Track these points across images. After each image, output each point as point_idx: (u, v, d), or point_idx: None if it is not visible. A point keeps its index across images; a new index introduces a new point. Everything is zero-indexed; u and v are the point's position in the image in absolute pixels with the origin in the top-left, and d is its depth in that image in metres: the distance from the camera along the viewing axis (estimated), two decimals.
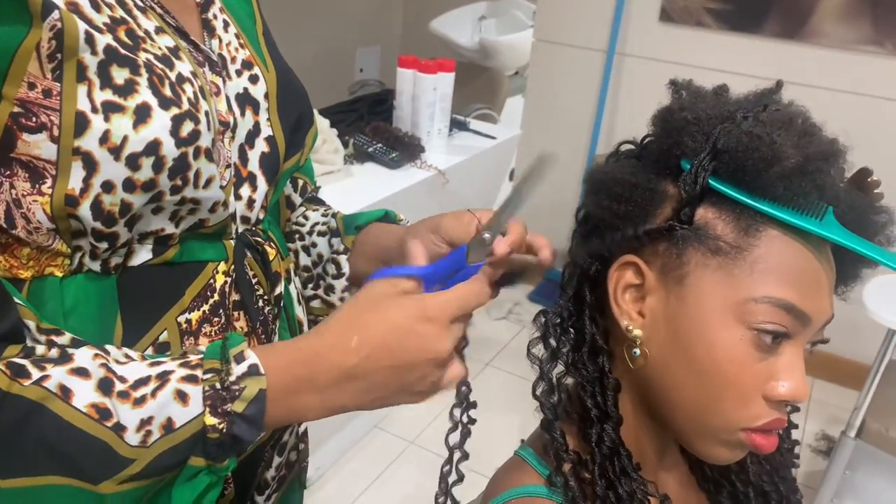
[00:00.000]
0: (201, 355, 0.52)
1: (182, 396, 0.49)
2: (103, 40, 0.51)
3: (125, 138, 0.51)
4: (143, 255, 0.58)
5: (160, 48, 0.56)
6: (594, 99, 2.70)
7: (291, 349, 0.55)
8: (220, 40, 0.65)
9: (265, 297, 0.68)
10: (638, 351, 0.57)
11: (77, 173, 0.51)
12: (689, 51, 2.46)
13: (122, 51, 0.52)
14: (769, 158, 0.51)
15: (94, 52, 0.51)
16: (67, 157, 0.51)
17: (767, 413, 0.54)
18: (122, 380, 0.49)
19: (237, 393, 0.50)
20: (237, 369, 0.51)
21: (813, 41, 2.32)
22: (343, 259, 0.78)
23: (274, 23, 0.75)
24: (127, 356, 0.52)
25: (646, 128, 0.64)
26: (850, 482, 1.79)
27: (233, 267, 0.64)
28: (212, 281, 0.63)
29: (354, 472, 1.99)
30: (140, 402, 0.49)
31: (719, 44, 2.43)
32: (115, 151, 0.51)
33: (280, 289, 0.69)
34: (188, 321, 0.61)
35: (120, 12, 0.55)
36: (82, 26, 0.50)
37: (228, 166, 0.62)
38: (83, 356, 0.50)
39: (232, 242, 0.65)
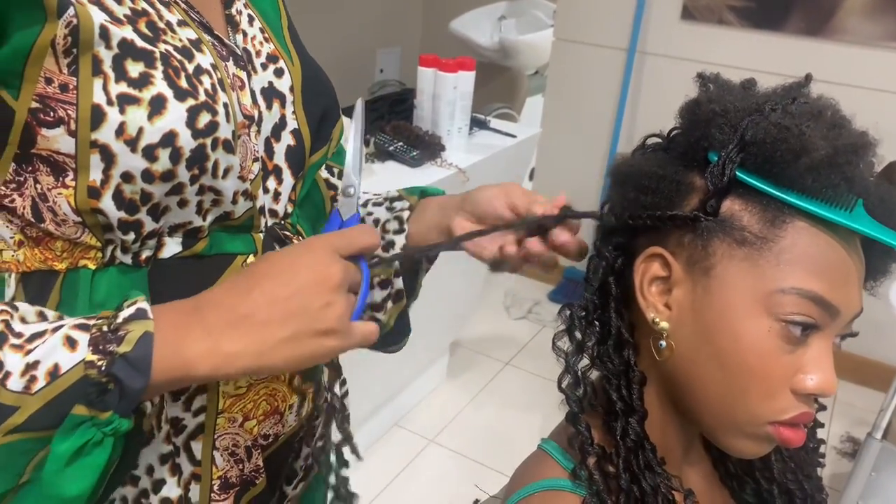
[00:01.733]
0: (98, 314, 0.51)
1: (71, 342, 0.48)
2: (119, 33, 0.52)
3: (140, 130, 0.52)
4: (172, 247, 0.59)
5: (181, 40, 0.57)
6: (615, 98, 2.68)
7: (185, 301, 0.53)
8: (245, 35, 0.66)
9: None
10: (664, 343, 0.57)
11: (96, 165, 0.52)
12: (711, 49, 2.44)
13: (140, 43, 0.53)
14: (798, 150, 0.50)
15: (108, 47, 0.51)
16: (86, 150, 0.51)
17: (795, 406, 0.54)
18: (18, 335, 0.48)
19: (123, 335, 0.48)
20: (124, 313, 0.49)
21: (837, 38, 2.29)
22: (406, 215, 0.79)
23: (295, 25, 0.76)
24: (41, 314, 0.51)
25: (667, 126, 0.64)
26: (876, 483, 1.76)
27: None
28: None
29: (375, 469, 2.00)
30: (29, 351, 0.47)
31: (741, 41, 2.41)
32: (132, 143, 0.52)
33: None
34: None
35: (142, 4, 0.55)
36: (97, 20, 0.51)
37: (256, 160, 0.63)
38: None
39: (261, 236, 0.65)
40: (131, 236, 0.56)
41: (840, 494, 1.83)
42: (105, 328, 0.49)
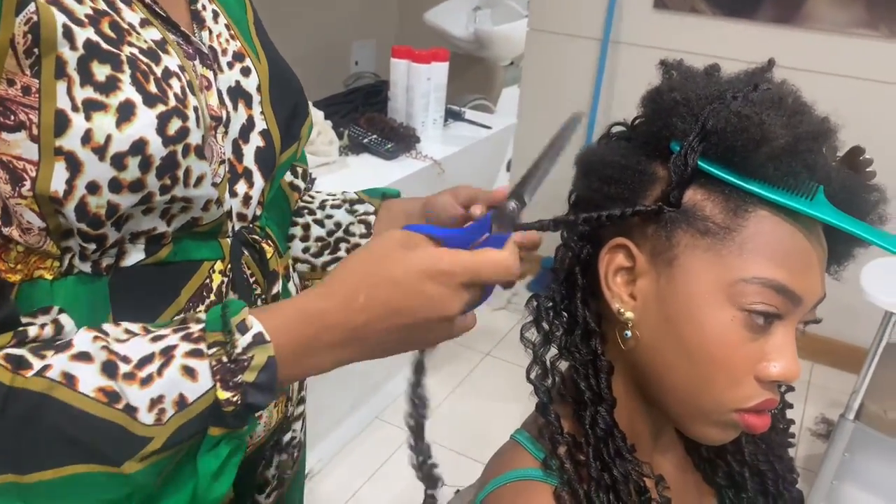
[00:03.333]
0: (202, 325, 0.51)
1: (190, 372, 0.48)
2: (83, 34, 0.49)
3: (109, 137, 0.49)
4: (135, 255, 0.57)
5: (146, 41, 0.54)
6: (590, 87, 2.69)
7: (296, 310, 0.53)
8: (211, 31, 0.63)
9: (262, 297, 0.67)
10: (629, 333, 0.57)
11: (60, 174, 0.49)
12: (683, 37, 2.45)
13: (105, 45, 0.50)
14: (758, 139, 0.51)
15: (73, 47, 0.49)
16: (49, 156, 0.49)
17: (759, 393, 0.54)
18: (126, 360, 0.48)
19: (245, 364, 0.49)
20: (242, 340, 0.49)
21: (808, 25, 2.31)
22: (372, 220, 0.80)
23: (268, 18, 0.75)
24: (127, 332, 0.51)
25: (627, 119, 0.64)
26: (850, 464, 1.79)
27: (229, 266, 0.63)
28: (208, 280, 0.61)
29: (356, 463, 1.99)
30: (147, 381, 0.48)
31: (714, 30, 2.43)
32: (100, 151, 0.49)
33: (277, 287, 0.68)
34: None
35: (102, 4, 0.53)
36: (60, 19, 0.48)
37: (222, 162, 0.61)
38: (82, 340, 0.48)
39: (228, 241, 0.63)
40: (92, 246, 0.54)
41: (814, 475, 1.86)
42: (224, 359, 0.49)
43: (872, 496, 1.84)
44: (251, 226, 0.66)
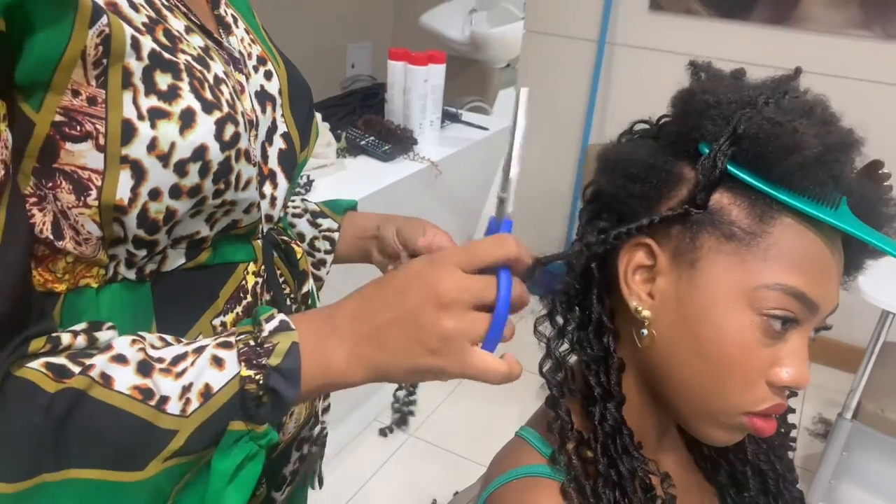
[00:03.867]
0: (236, 329, 0.52)
1: (218, 362, 0.49)
2: (147, 44, 0.50)
3: (173, 145, 0.50)
4: (176, 259, 0.58)
5: (195, 48, 0.55)
6: (586, 89, 2.70)
7: (318, 311, 0.55)
8: (236, 37, 0.65)
9: (292, 296, 0.68)
10: (646, 332, 0.57)
11: (125, 182, 0.50)
12: (679, 39, 2.46)
13: (166, 55, 0.51)
14: (790, 146, 0.50)
15: (139, 58, 0.49)
16: (115, 165, 0.49)
17: (770, 398, 0.55)
18: (160, 360, 0.49)
19: (271, 348, 0.49)
20: (268, 326, 0.50)
21: (802, 26, 2.32)
22: (336, 237, 0.81)
23: (263, 21, 0.75)
24: (162, 339, 0.52)
25: (637, 116, 0.64)
26: (848, 463, 1.80)
27: (262, 267, 0.64)
28: (244, 282, 0.62)
29: (355, 465, 1.99)
30: (181, 374, 0.48)
31: (709, 31, 2.44)
32: (164, 158, 0.50)
33: (307, 287, 0.70)
34: (223, 324, 0.61)
35: (153, 13, 0.53)
36: (128, 31, 0.48)
37: (254, 165, 0.61)
38: (122, 344, 0.49)
39: (260, 242, 0.64)
40: (143, 252, 0.54)
41: (813, 475, 1.87)
42: (252, 342, 0.49)
43: (870, 495, 1.84)
44: (277, 227, 0.68)
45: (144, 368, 0.48)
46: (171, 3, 0.56)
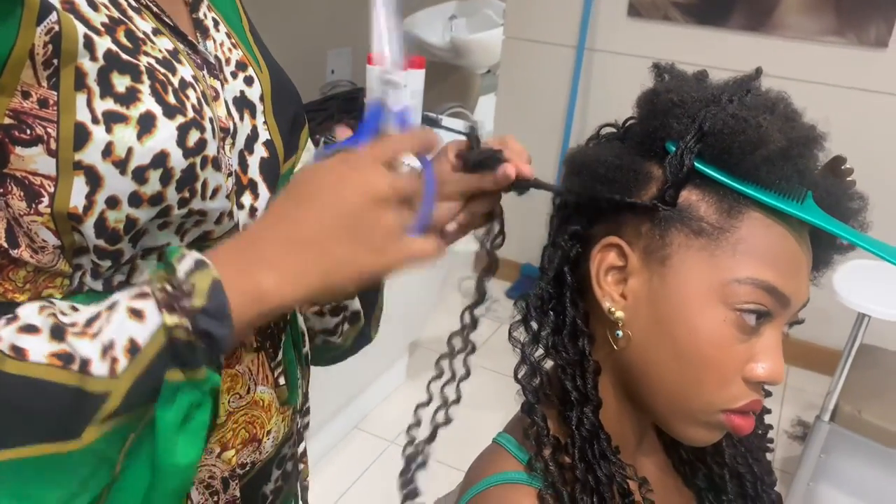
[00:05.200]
0: (147, 278, 0.48)
1: (137, 314, 0.45)
2: (103, 44, 0.48)
3: (130, 150, 0.48)
4: (147, 271, 0.55)
5: (160, 51, 0.53)
6: (565, 95, 2.71)
7: (234, 240, 0.51)
8: (214, 41, 0.63)
9: None
10: (621, 333, 0.57)
11: (80, 189, 0.48)
12: (657, 45, 2.48)
13: (124, 56, 0.49)
14: (755, 141, 0.51)
15: (93, 58, 0.47)
16: (68, 171, 0.47)
17: (747, 394, 0.55)
18: (73, 325, 0.46)
19: (190, 289, 0.46)
20: (181, 268, 0.46)
21: (778, 33, 2.35)
22: None
23: None
24: (73, 308, 0.48)
25: (617, 121, 0.64)
26: (826, 465, 1.82)
27: None
28: None
29: (335, 473, 1.98)
30: (97, 334, 0.45)
31: (687, 37, 2.46)
32: (121, 165, 0.48)
33: None
34: None
35: (116, 13, 0.51)
36: (81, 29, 0.46)
37: (230, 174, 0.59)
38: (28, 312, 0.46)
39: None
40: (107, 262, 0.52)
41: (791, 477, 1.88)
42: (169, 288, 0.45)
43: (849, 497, 1.86)
44: None
45: (58, 333, 0.45)
46: (140, 4, 0.54)
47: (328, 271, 0.49)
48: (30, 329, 0.45)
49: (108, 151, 0.48)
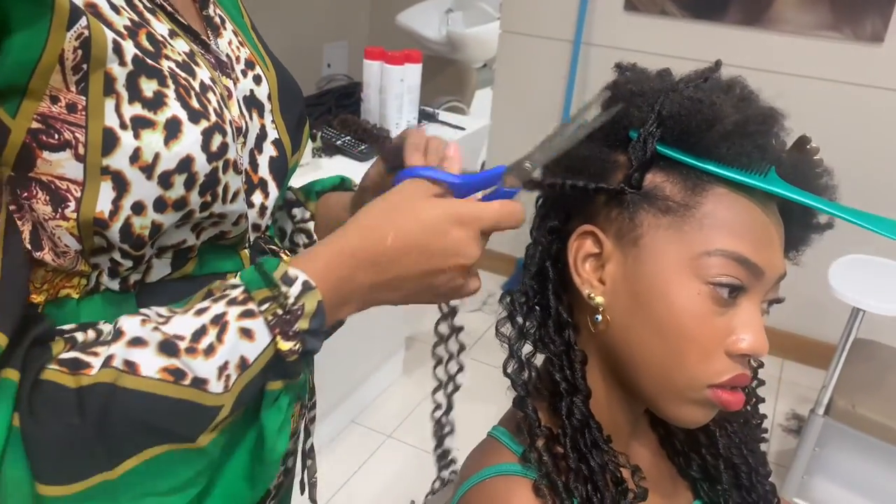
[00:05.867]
0: (241, 287, 0.50)
1: (247, 333, 0.48)
2: (130, 49, 0.48)
3: (157, 155, 0.48)
4: (161, 269, 0.56)
5: (179, 54, 0.53)
6: (562, 89, 2.71)
7: (330, 253, 0.53)
8: (224, 39, 0.62)
9: None
10: (599, 317, 0.58)
11: (106, 194, 0.48)
12: (654, 39, 2.48)
13: (149, 60, 0.49)
14: (711, 119, 0.54)
15: (122, 63, 0.47)
16: (96, 176, 0.47)
17: (731, 368, 0.56)
18: (179, 337, 0.48)
19: (299, 312, 0.49)
20: (292, 291, 0.49)
21: (774, 28, 2.35)
22: (311, 226, 0.78)
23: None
24: (162, 314, 0.50)
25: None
26: (820, 459, 1.83)
27: None
28: None
29: (333, 467, 1.98)
30: (210, 351, 0.47)
31: (683, 32, 2.46)
32: (148, 170, 0.48)
33: None
34: None
35: (135, 16, 0.51)
36: (110, 35, 0.46)
37: (239, 173, 0.59)
38: (132, 326, 0.48)
39: (247, 252, 0.63)
40: (129, 263, 0.52)
41: (786, 470, 1.89)
42: (280, 312, 0.49)
43: (843, 490, 1.87)
44: (264, 235, 0.66)
45: (168, 348, 0.47)
46: (154, 4, 0.54)
47: (393, 298, 0.55)
48: (138, 342, 0.47)
49: (135, 157, 0.48)
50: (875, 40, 2.25)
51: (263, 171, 0.63)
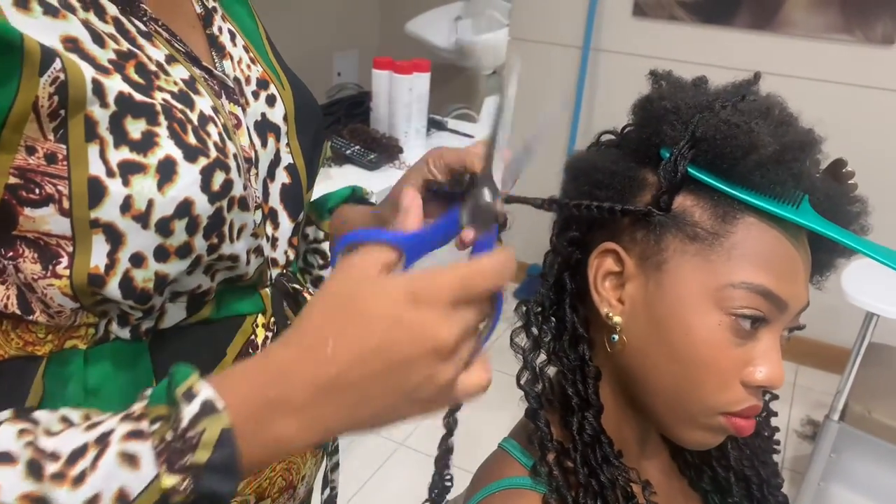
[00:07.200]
0: (146, 401, 0.40)
1: (129, 459, 0.37)
2: (114, 87, 0.43)
3: (151, 202, 0.44)
4: (176, 315, 0.51)
5: (175, 83, 0.48)
6: (571, 95, 2.71)
7: (254, 371, 0.41)
8: (231, 59, 0.57)
9: None
10: (616, 337, 0.57)
11: (100, 248, 0.44)
12: (663, 44, 2.48)
13: (137, 96, 0.44)
14: (747, 146, 0.51)
15: (104, 104, 0.43)
16: (85, 230, 0.43)
17: (745, 399, 0.55)
18: (54, 457, 0.38)
19: (195, 440, 0.38)
20: (187, 411, 0.38)
21: (784, 31, 2.34)
22: (325, 246, 0.72)
23: None
24: (64, 419, 0.41)
25: (623, 121, 0.65)
26: (836, 465, 1.81)
27: (273, 319, 0.57)
28: (253, 337, 0.56)
29: (345, 475, 1.98)
30: (79, 480, 0.37)
31: (692, 36, 2.45)
32: (142, 219, 0.44)
33: None
34: None
35: (125, 45, 0.46)
36: (89, 73, 0.42)
37: (258, 207, 0.55)
38: (6, 436, 0.38)
39: (268, 291, 0.58)
40: (138, 313, 0.48)
41: (801, 477, 1.87)
42: (168, 436, 0.38)
43: (859, 496, 1.85)
44: (286, 272, 0.60)
45: (35, 470, 0.37)
46: (150, 28, 0.50)
47: (360, 420, 0.41)
48: (5, 458, 0.37)
49: (126, 206, 0.44)
50: (886, 42, 2.24)
51: (274, 200, 0.59)
